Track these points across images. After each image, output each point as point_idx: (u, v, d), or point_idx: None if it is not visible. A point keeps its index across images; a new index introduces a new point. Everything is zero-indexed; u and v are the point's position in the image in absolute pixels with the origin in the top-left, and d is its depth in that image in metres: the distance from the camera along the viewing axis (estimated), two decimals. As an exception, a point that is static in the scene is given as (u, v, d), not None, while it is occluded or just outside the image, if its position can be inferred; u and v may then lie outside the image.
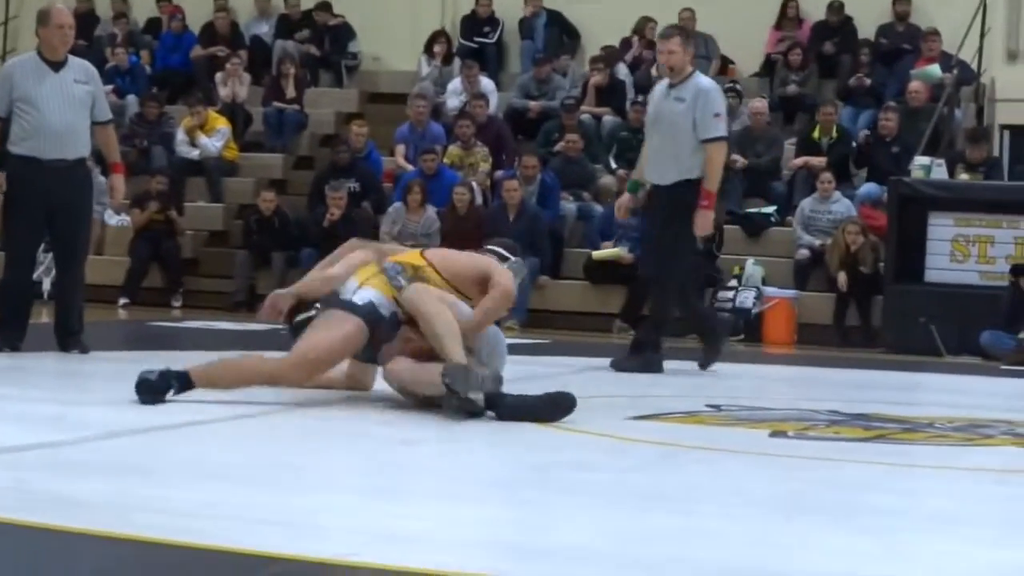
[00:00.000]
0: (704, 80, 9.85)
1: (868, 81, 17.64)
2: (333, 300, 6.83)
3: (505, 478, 4.94)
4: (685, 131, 9.48)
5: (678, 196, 9.52)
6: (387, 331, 6.82)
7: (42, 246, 10.08)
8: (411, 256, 7.06)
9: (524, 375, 7.41)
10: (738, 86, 18.14)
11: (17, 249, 9.19)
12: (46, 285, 13.78)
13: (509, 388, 6.45)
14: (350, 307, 6.72)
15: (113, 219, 17.16)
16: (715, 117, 9.53)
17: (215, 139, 17.82)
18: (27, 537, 3.60)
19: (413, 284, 6.78)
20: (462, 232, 15.72)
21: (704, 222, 9.56)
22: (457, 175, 16.66)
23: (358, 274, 6.95)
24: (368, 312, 6.73)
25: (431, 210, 16.02)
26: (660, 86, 9.93)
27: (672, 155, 9.53)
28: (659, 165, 9.63)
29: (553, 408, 6.42)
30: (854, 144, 16.61)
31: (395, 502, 4.29)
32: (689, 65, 9.74)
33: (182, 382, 6.48)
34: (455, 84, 18.47)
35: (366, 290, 6.82)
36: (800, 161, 16.66)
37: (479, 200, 16.34)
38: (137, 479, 4.52)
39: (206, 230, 17.58)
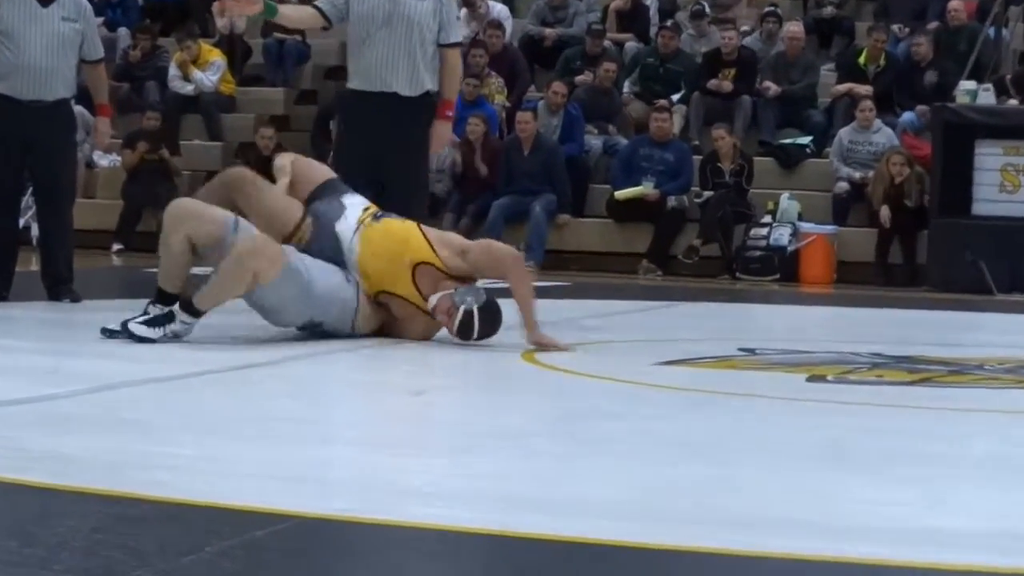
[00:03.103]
0: None
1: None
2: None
3: (520, 428, 4.94)
4: (431, 34, 8.83)
5: (427, 109, 8.88)
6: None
7: (30, 190, 10.10)
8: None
9: (541, 319, 7.41)
10: (779, 10, 18.04)
11: (-6, 192, 9.19)
12: (35, 231, 13.80)
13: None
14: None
15: (103, 159, 17.17)
16: (457, 20, 9.16)
17: (210, 73, 17.78)
18: (19, 496, 3.63)
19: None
20: (477, 166, 15.71)
21: (447, 134, 9.11)
22: (493, 107, 16.62)
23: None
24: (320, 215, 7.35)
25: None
26: None
27: (415, 60, 8.80)
28: (396, 71, 8.76)
29: None
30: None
31: (402, 455, 4.30)
32: None
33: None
34: (463, 13, 18.42)
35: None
36: (843, 88, 16.54)
37: (495, 133, 16.31)
38: (133, 434, 4.55)
39: (204, 170, 17.55)
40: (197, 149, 17.58)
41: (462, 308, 7.04)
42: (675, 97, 16.85)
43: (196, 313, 6.82)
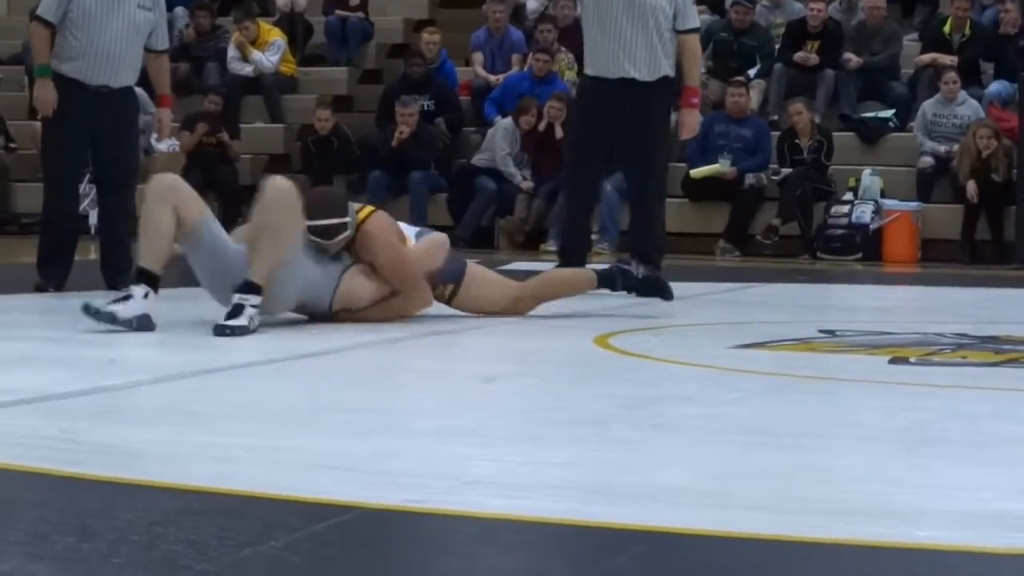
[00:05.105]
0: None
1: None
2: None
3: (594, 415, 4.94)
4: (666, 20, 9.20)
5: (665, 94, 9.35)
6: None
7: (87, 176, 10.18)
8: None
9: (617, 303, 7.43)
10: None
11: (57, 179, 9.28)
12: (93, 219, 13.91)
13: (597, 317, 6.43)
14: None
15: (162, 144, 17.26)
16: (692, 4, 9.43)
17: (269, 53, 17.84)
18: (76, 490, 3.65)
19: None
20: (550, 148, 15.68)
21: (695, 121, 9.49)
22: (565, 84, 16.60)
23: None
24: None
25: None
26: None
27: (653, 46, 9.17)
28: (634, 57, 9.18)
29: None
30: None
31: (470, 444, 4.30)
32: None
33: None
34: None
35: None
36: (928, 58, 16.41)
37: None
38: (192, 425, 4.57)
39: (265, 154, 17.65)
40: (258, 132, 17.63)
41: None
42: (751, 72, 16.77)
43: (257, 289, 6.80)
